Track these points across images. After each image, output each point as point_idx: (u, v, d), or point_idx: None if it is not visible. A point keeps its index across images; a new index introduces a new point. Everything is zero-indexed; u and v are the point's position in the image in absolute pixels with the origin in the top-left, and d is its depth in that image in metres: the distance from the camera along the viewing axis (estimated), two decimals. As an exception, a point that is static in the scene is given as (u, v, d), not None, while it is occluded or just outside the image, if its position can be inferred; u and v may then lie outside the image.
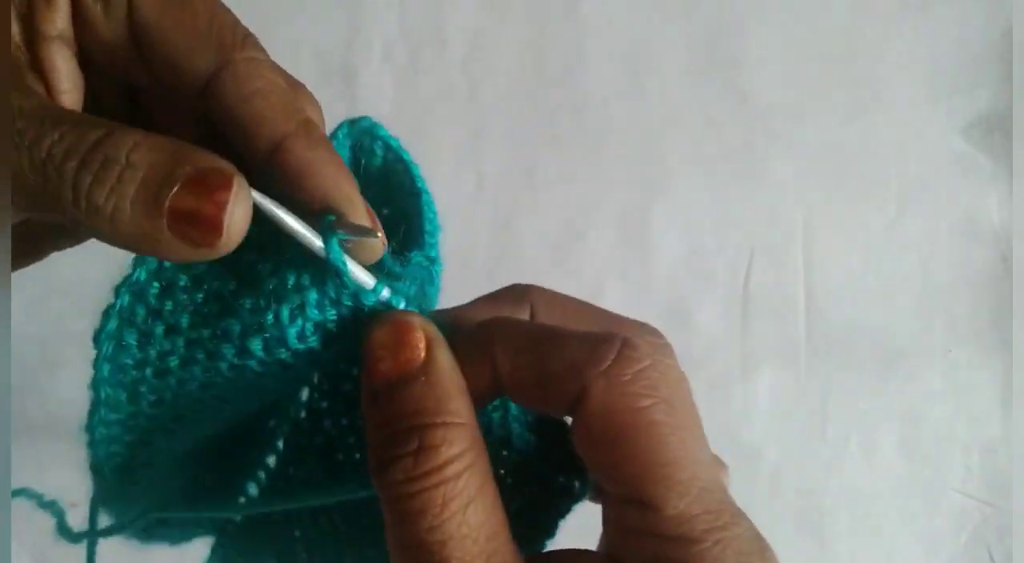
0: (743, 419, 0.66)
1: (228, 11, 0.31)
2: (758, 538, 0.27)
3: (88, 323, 0.31)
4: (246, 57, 0.30)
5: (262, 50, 0.31)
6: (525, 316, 0.33)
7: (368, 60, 0.70)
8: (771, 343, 0.67)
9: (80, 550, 0.63)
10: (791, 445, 0.66)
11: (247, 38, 0.30)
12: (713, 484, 0.28)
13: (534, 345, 0.29)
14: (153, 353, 0.31)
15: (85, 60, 0.31)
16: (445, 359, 0.29)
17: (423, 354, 0.29)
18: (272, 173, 0.29)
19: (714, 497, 0.27)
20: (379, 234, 0.30)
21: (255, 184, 0.28)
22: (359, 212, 0.30)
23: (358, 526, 0.39)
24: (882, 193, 0.69)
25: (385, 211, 0.35)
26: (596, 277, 0.67)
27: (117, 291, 0.30)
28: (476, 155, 0.69)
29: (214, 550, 0.44)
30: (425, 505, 0.27)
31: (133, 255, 0.30)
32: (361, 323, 0.30)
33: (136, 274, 0.31)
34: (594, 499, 0.32)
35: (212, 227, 0.26)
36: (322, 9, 0.70)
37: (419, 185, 0.35)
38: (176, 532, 0.44)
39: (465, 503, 0.27)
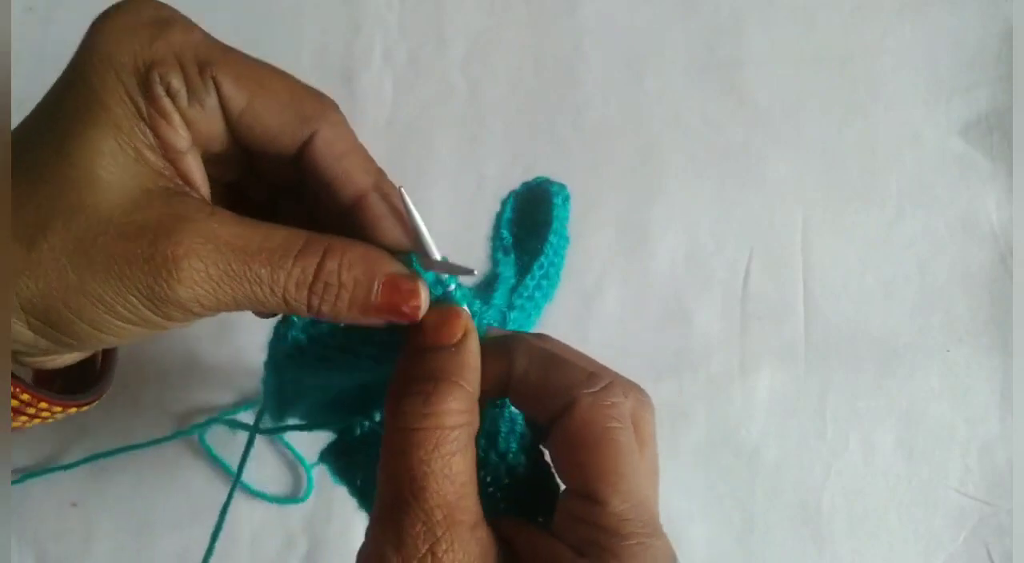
0: (742, 418, 0.66)
1: (298, 80, 0.35)
2: (673, 557, 0.34)
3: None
4: (328, 122, 0.35)
5: (332, 104, 0.36)
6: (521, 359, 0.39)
7: (368, 61, 0.70)
8: (770, 343, 0.67)
9: (79, 548, 0.63)
10: (790, 444, 0.66)
11: (321, 100, 0.35)
12: (650, 504, 0.35)
13: (546, 360, 0.36)
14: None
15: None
16: (473, 345, 0.36)
17: (459, 335, 0.36)
18: (354, 218, 0.35)
19: (647, 512, 0.34)
20: (474, 271, 0.37)
21: (342, 227, 0.36)
22: (429, 244, 0.37)
23: None
24: (881, 193, 0.69)
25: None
26: (595, 277, 0.68)
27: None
28: (476, 155, 0.69)
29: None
30: (422, 441, 0.33)
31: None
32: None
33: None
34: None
35: (410, 318, 0.36)
36: (322, 10, 0.71)
37: (555, 225, 0.43)
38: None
39: (453, 450, 0.33)
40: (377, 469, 0.35)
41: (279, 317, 0.40)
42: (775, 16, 0.71)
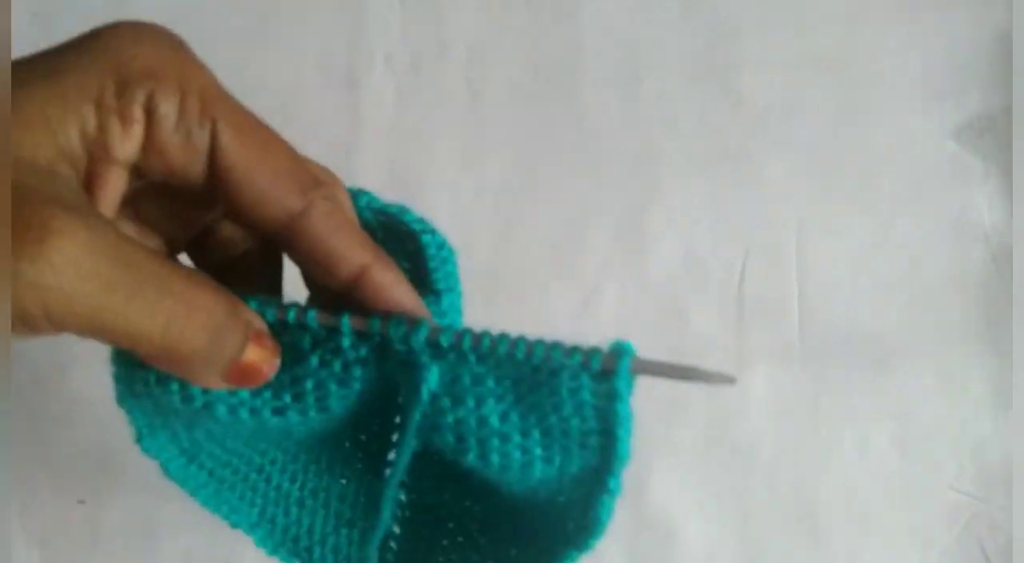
0: (738, 417, 0.66)
1: (299, 153, 0.34)
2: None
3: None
4: (324, 195, 0.33)
5: (336, 181, 0.35)
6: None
7: (370, 67, 0.71)
8: (765, 342, 0.67)
9: (86, 545, 0.64)
10: (785, 443, 0.66)
11: (319, 175, 0.35)
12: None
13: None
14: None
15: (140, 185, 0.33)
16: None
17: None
18: (354, 295, 0.34)
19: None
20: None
21: (329, 300, 0.35)
22: (427, 314, 0.36)
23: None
24: (875, 195, 0.69)
25: (406, 265, 0.39)
26: (594, 278, 0.68)
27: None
28: (477, 159, 0.70)
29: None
30: None
31: None
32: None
33: None
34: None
35: (258, 382, 0.34)
36: (324, 17, 0.71)
37: (414, 229, 0.38)
38: None
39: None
40: None
41: None
42: (771, 21, 0.71)
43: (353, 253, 0.34)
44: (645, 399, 0.35)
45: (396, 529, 0.46)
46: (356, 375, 0.35)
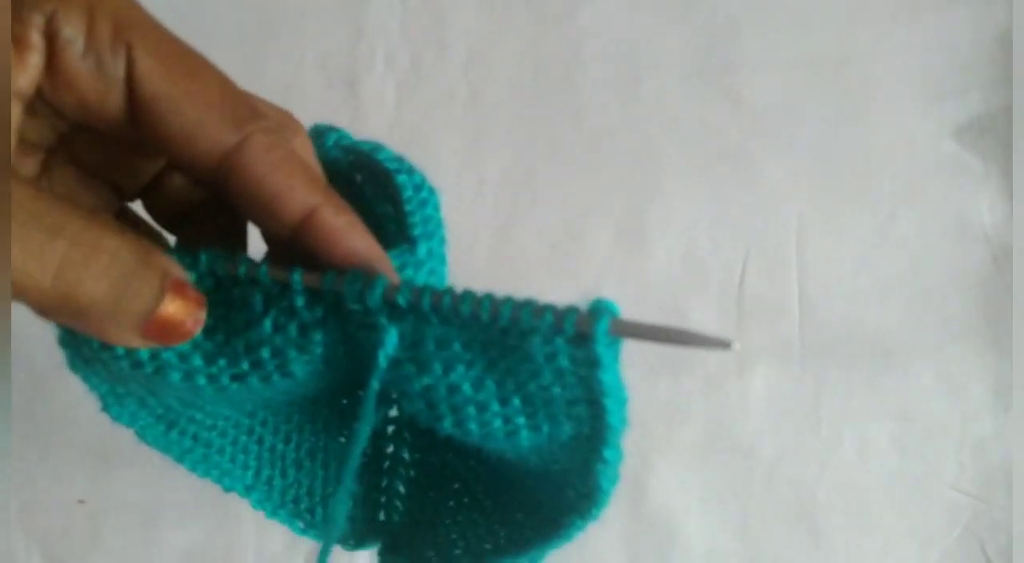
0: (738, 417, 0.66)
1: (234, 84, 0.30)
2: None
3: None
4: (263, 127, 0.29)
5: (281, 111, 0.32)
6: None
7: (371, 66, 0.71)
8: (765, 341, 0.67)
9: (86, 544, 0.64)
10: (786, 442, 0.66)
11: (258, 109, 0.30)
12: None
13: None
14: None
15: (50, 119, 0.29)
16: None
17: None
18: (301, 240, 0.30)
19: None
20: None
21: (282, 253, 0.31)
22: (388, 267, 0.32)
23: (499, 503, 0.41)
24: (875, 195, 0.69)
25: (390, 211, 0.36)
26: (594, 277, 0.68)
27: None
28: (477, 159, 0.70)
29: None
30: None
31: None
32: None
33: None
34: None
35: (183, 336, 0.30)
36: (325, 15, 0.71)
37: (387, 168, 0.35)
38: None
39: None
40: None
41: None
42: (770, 20, 0.71)
43: (298, 193, 0.29)
44: (644, 398, 0.35)
45: (401, 489, 0.43)
46: (316, 339, 0.31)
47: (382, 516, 0.44)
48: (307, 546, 0.64)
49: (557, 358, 0.29)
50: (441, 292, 0.29)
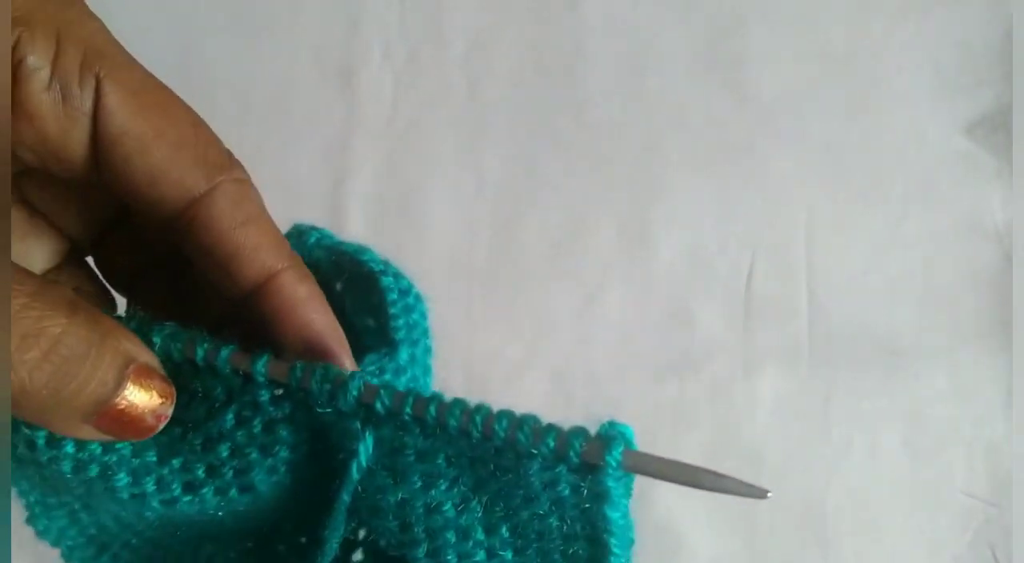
0: (745, 419, 0.66)
1: (207, 125, 0.28)
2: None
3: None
4: (236, 178, 0.27)
5: (239, 165, 0.29)
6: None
7: (367, 59, 0.70)
8: (773, 343, 0.67)
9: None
10: (794, 445, 0.66)
11: (231, 155, 0.28)
12: None
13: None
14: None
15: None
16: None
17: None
18: (258, 304, 0.28)
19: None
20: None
21: (233, 315, 0.28)
22: (344, 347, 0.29)
23: None
24: (885, 192, 0.68)
25: (371, 323, 0.33)
26: (597, 276, 0.67)
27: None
28: (476, 155, 0.69)
29: None
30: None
31: None
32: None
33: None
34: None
35: (142, 433, 0.27)
36: (320, 8, 0.71)
37: (372, 269, 0.32)
38: None
39: None
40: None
41: None
42: (778, 14, 0.71)
43: (262, 253, 0.27)
44: (650, 402, 0.33)
45: None
46: (283, 438, 0.28)
47: None
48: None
49: (558, 486, 0.26)
50: (426, 399, 0.26)
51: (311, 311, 0.28)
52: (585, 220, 0.68)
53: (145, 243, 0.32)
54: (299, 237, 0.32)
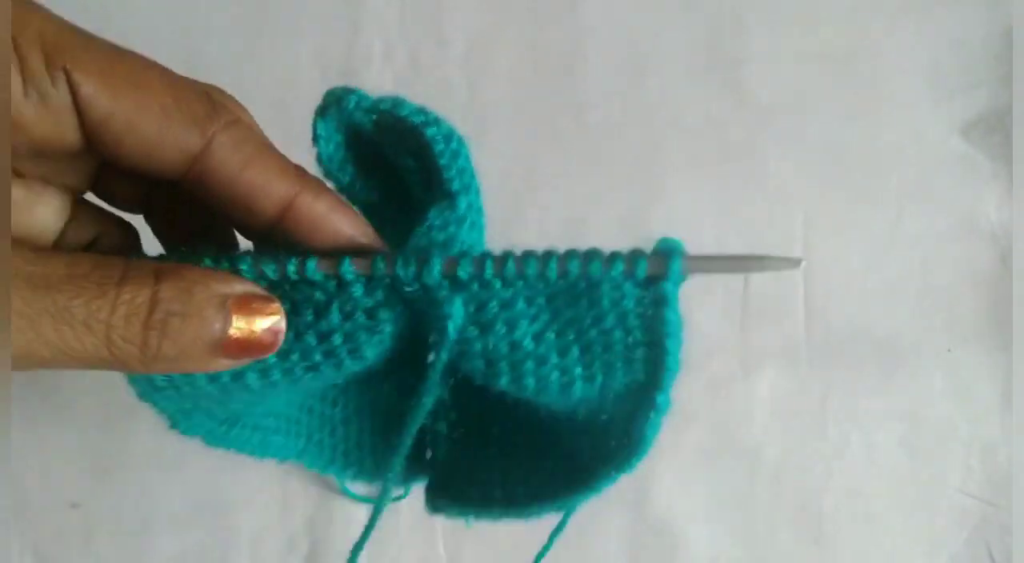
0: (743, 419, 0.66)
1: (182, 76, 0.28)
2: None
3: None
4: (227, 121, 0.28)
5: (231, 98, 0.30)
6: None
7: (369, 60, 0.70)
8: (771, 343, 0.67)
9: (79, 549, 0.63)
10: (792, 444, 0.66)
11: (212, 99, 0.29)
12: None
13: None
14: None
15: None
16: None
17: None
18: (284, 230, 0.30)
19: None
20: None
21: (265, 244, 0.31)
22: (377, 242, 0.32)
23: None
24: (882, 193, 0.68)
25: (413, 164, 0.35)
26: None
27: None
28: (476, 154, 0.69)
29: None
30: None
31: None
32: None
33: None
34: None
35: (267, 350, 0.29)
36: (321, 10, 0.70)
37: (413, 122, 0.33)
38: None
39: None
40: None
41: None
42: (777, 15, 0.71)
43: (273, 186, 0.29)
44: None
45: (444, 430, 0.43)
46: (385, 318, 0.31)
47: (428, 454, 0.44)
48: (302, 552, 0.64)
49: (624, 301, 0.30)
50: (502, 257, 0.30)
51: (335, 222, 0.30)
52: (584, 221, 0.68)
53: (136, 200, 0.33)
54: (337, 105, 0.33)
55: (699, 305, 0.67)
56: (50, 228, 0.31)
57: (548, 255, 0.30)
